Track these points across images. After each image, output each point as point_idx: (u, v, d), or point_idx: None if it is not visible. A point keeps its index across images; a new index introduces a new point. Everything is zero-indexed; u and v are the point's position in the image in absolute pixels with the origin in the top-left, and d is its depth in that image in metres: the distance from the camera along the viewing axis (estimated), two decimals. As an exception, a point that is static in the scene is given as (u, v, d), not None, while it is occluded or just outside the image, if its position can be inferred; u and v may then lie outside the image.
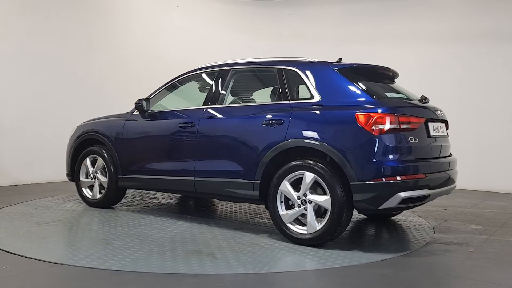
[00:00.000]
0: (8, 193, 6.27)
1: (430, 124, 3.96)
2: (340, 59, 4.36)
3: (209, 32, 9.56)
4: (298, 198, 3.81)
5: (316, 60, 4.28)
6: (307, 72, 4.08)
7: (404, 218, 5.09)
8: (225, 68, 4.67)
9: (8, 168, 7.03)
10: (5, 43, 7.00)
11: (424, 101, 4.17)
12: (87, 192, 5.45)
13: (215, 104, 4.53)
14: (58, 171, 7.56)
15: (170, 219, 4.83)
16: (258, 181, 4.03)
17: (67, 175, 5.73)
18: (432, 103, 4.31)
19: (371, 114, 3.59)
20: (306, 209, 3.77)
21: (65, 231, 4.27)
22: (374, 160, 3.53)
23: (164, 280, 2.97)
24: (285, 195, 3.90)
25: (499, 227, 4.78)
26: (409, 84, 5.35)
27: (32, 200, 5.71)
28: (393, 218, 5.06)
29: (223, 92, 4.59)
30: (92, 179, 5.38)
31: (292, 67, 4.18)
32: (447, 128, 4.40)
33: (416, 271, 3.31)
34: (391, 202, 3.51)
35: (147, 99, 5.02)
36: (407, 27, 8.57)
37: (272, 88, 4.35)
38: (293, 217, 3.86)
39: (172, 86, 5.12)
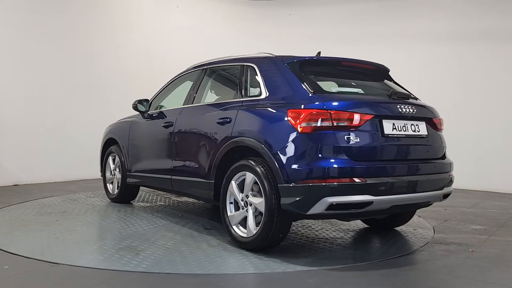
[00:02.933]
0: (8, 193, 6.27)
1: (387, 122, 3.47)
2: (319, 53, 4.17)
3: (209, 32, 9.57)
4: (242, 200, 3.65)
5: (275, 55, 4.05)
6: (261, 68, 3.92)
7: (404, 218, 5.09)
8: (203, 67, 4.71)
9: (8, 168, 7.03)
10: (4, 43, 7.00)
11: (393, 97, 3.73)
12: (109, 188, 5.83)
13: (191, 104, 4.59)
14: (58, 171, 7.59)
15: (159, 216, 4.96)
16: (213, 181, 3.97)
17: (100, 171, 6.09)
18: (427, 101, 4.15)
19: (301, 110, 3.33)
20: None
21: (54, 222, 4.29)
22: (300, 160, 3.25)
23: (164, 280, 2.98)
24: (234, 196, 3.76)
25: (499, 227, 4.78)
26: (409, 83, 5.32)
27: (32, 200, 5.72)
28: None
29: (199, 91, 4.61)
30: (113, 176, 5.78)
31: (251, 63, 4.04)
32: (436, 128, 3.91)
33: (416, 271, 3.31)
34: (318, 207, 3.17)
35: (145, 100, 5.22)
36: (407, 27, 8.57)
37: (234, 85, 4.29)
38: (237, 219, 3.70)
39: (170, 87, 5.24)
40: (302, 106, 3.35)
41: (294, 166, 3.26)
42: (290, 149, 3.30)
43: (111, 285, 2.86)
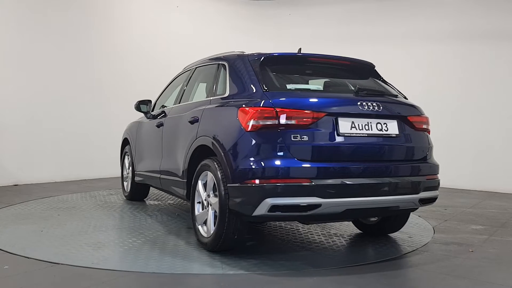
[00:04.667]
0: (8, 193, 6.27)
1: (343, 120, 3.26)
2: (299, 49, 4.11)
3: (209, 32, 9.57)
4: (205, 199, 3.62)
5: (245, 52, 3.95)
6: (229, 66, 3.84)
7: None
8: (192, 67, 4.75)
9: (8, 168, 7.03)
10: (5, 44, 7.00)
11: (361, 93, 3.48)
12: (125, 186, 6.11)
13: (178, 104, 4.64)
14: (58, 171, 7.59)
15: (156, 214, 5.09)
16: (185, 180, 3.97)
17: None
18: (427, 100, 4.11)
19: (249, 109, 3.22)
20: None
21: (53, 217, 4.31)
22: (246, 160, 3.15)
23: (164, 280, 2.98)
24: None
25: (499, 227, 4.78)
26: (409, 83, 5.31)
27: (32, 200, 5.72)
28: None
29: (186, 91, 4.64)
30: (127, 175, 6.04)
31: (224, 61, 3.98)
32: (414, 127, 3.58)
33: (416, 271, 3.31)
34: (261, 209, 3.05)
35: (148, 101, 5.30)
36: (407, 27, 8.58)
37: (210, 84, 4.28)
38: (201, 218, 3.66)
39: (170, 87, 5.29)
40: (251, 104, 3.26)
41: (240, 166, 3.17)
42: (238, 148, 3.23)
43: (111, 285, 2.86)
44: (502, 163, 7.58)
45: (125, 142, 6.08)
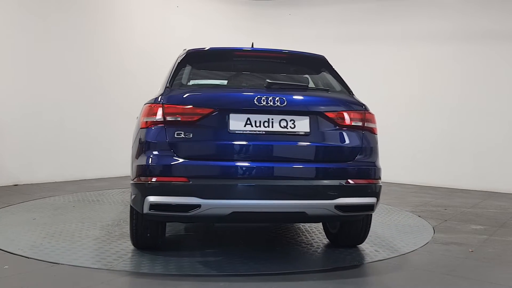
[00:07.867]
0: (8, 193, 6.27)
1: (236, 117, 3.06)
2: (252, 44, 4.04)
3: (209, 32, 9.57)
4: None
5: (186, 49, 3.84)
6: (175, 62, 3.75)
7: (404, 218, 5.09)
8: None
9: (8, 168, 7.03)
10: (5, 44, 7.00)
11: (272, 87, 3.22)
12: None
13: None
14: (58, 171, 7.58)
15: None
16: None
17: None
18: (428, 100, 4.09)
19: (145, 105, 3.24)
20: None
21: (66, 208, 4.31)
22: (137, 157, 3.16)
23: (164, 281, 2.98)
24: None
25: (499, 227, 4.79)
26: (409, 83, 5.27)
27: (34, 200, 5.72)
28: (392, 217, 5.05)
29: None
30: None
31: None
32: (338, 124, 3.18)
33: (416, 271, 3.31)
34: (146, 207, 2.99)
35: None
36: (407, 27, 8.58)
37: None
38: None
39: None
40: (149, 101, 3.25)
41: (134, 163, 3.19)
42: (135, 146, 3.28)
43: (111, 285, 2.86)
44: (502, 163, 7.58)
45: None
